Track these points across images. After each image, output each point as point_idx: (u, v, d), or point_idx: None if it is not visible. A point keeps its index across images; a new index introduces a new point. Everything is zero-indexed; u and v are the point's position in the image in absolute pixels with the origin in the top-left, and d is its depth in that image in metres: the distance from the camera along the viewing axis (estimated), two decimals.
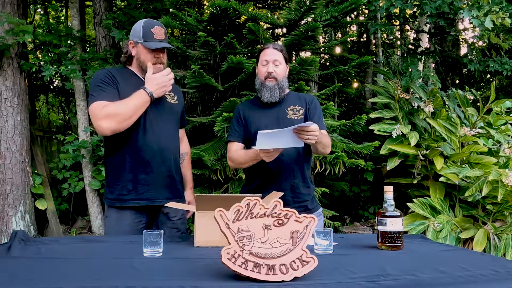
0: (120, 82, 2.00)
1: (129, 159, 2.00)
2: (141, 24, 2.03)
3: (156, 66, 2.02)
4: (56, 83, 6.59)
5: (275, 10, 5.11)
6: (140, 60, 2.04)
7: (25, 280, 1.16)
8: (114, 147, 2.03)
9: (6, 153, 4.20)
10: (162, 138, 2.05)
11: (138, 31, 2.03)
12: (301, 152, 2.10)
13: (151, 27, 2.01)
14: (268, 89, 2.10)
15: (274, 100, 2.11)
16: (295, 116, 2.12)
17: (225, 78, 3.77)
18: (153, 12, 4.74)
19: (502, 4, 3.50)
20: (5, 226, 4.18)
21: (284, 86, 2.15)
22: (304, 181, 2.13)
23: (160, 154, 2.03)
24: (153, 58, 2.02)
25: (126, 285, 1.12)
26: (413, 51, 5.33)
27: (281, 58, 2.12)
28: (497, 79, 6.53)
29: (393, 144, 3.87)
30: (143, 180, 2.01)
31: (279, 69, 2.11)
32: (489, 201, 3.54)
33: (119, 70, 2.10)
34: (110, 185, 2.05)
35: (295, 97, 2.21)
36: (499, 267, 1.31)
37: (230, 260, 1.17)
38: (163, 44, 2.02)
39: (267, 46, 2.15)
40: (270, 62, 2.10)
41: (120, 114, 1.88)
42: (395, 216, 1.59)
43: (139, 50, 2.04)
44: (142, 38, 2.01)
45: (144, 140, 2.00)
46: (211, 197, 1.77)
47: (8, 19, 3.99)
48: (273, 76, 2.09)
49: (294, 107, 2.15)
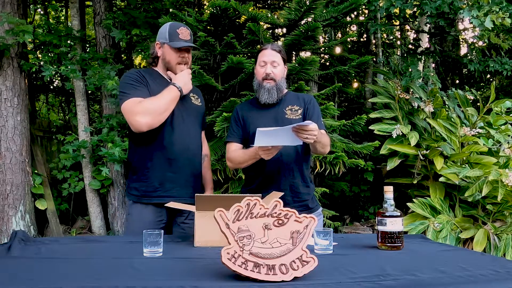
0: (149, 81, 2.07)
1: (157, 157, 2.05)
2: (167, 26, 2.11)
3: (181, 67, 2.10)
4: (56, 83, 6.59)
5: (275, 10, 5.11)
6: (165, 60, 2.12)
7: (25, 280, 1.16)
8: (141, 144, 2.08)
9: (6, 153, 4.20)
10: (188, 138, 2.11)
11: (164, 32, 2.11)
12: (300, 152, 2.10)
13: (177, 28, 2.09)
14: (266, 90, 2.10)
15: (272, 101, 2.11)
16: (294, 116, 2.12)
17: (225, 78, 3.77)
18: (153, 12, 4.74)
19: (502, 4, 3.50)
20: (5, 226, 4.18)
21: (283, 87, 2.15)
22: (304, 180, 2.13)
23: (186, 153, 2.09)
24: (178, 57, 2.09)
25: (126, 285, 1.12)
26: (413, 51, 5.33)
27: (280, 59, 2.12)
28: (497, 79, 6.53)
29: (393, 144, 3.87)
30: (170, 178, 2.06)
31: (277, 70, 2.11)
32: (489, 201, 3.54)
33: (146, 71, 2.17)
34: (136, 181, 2.09)
35: (293, 97, 2.21)
36: (499, 267, 1.31)
37: (230, 260, 1.17)
38: (188, 43, 2.09)
39: (266, 47, 2.14)
40: (268, 63, 2.10)
41: (155, 109, 1.95)
42: (395, 216, 1.59)
43: (165, 50, 2.11)
44: (168, 38, 2.08)
45: (171, 138, 2.05)
46: (211, 197, 1.77)
47: (8, 19, 3.99)
48: (271, 77, 2.09)
49: (293, 107, 2.15)
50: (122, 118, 4.27)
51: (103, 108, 4.60)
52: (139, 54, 4.99)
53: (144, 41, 4.65)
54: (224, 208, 1.22)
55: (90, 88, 4.32)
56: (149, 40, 4.49)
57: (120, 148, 3.91)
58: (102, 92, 4.55)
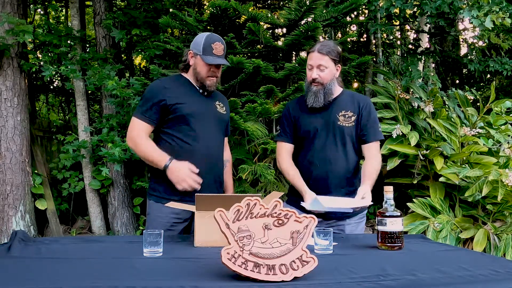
0: (171, 88, 2.12)
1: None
2: (203, 37, 2.12)
3: (210, 79, 2.13)
4: (56, 83, 6.59)
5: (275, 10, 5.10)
6: (196, 71, 2.14)
7: (25, 280, 1.16)
8: (165, 150, 2.10)
9: (6, 153, 4.20)
10: (212, 146, 2.15)
11: (199, 43, 2.12)
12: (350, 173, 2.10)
13: (212, 42, 2.10)
14: (312, 93, 2.07)
15: (318, 105, 2.07)
16: (346, 123, 2.07)
17: (225, 78, 3.77)
18: (153, 12, 4.73)
19: (502, 4, 3.50)
20: (5, 226, 4.18)
21: (332, 90, 2.09)
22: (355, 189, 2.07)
23: (209, 161, 2.12)
24: (208, 71, 2.12)
25: (126, 285, 1.12)
26: (413, 51, 5.33)
27: (328, 61, 2.05)
28: (497, 79, 6.53)
29: (393, 144, 3.87)
30: None
31: (324, 73, 2.05)
32: (489, 201, 3.54)
33: (173, 78, 2.25)
34: (158, 183, 2.13)
35: (348, 100, 2.13)
36: (499, 267, 1.31)
37: (230, 260, 1.17)
38: (220, 60, 2.11)
39: (313, 49, 2.08)
40: (314, 66, 2.06)
41: (138, 150, 2.11)
42: (395, 216, 1.59)
43: (196, 61, 2.13)
44: (201, 51, 2.10)
45: (196, 146, 2.09)
46: (211, 197, 1.77)
47: (8, 19, 3.99)
48: (317, 81, 2.06)
49: (346, 112, 2.09)
50: (122, 118, 4.28)
51: (103, 108, 4.60)
52: (139, 54, 4.98)
53: (144, 41, 4.64)
54: (224, 208, 1.22)
55: (90, 88, 4.32)
56: (149, 40, 4.49)
57: (120, 148, 3.91)
58: (102, 92, 4.55)
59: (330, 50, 2.05)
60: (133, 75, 5.33)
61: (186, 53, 2.21)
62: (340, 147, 2.07)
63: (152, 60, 4.47)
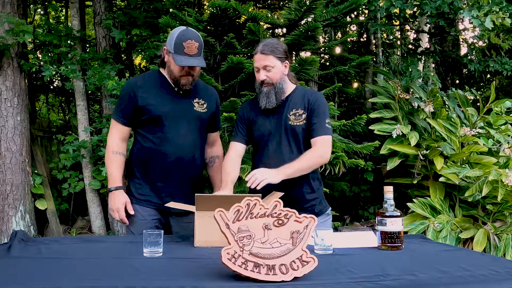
0: (144, 87, 2.07)
1: (150, 166, 2.07)
2: (175, 34, 1.99)
3: (184, 78, 2.04)
4: (56, 83, 6.59)
5: (275, 10, 5.11)
6: (170, 69, 2.06)
7: (25, 280, 1.16)
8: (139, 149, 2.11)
9: (6, 153, 4.20)
10: (183, 149, 2.07)
11: (172, 40, 2.00)
12: None
13: (185, 40, 1.96)
14: (264, 94, 2.02)
15: (271, 106, 2.02)
16: (297, 122, 2.03)
17: (225, 78, 3.77)
18: (153, 12, 4.73)
19: (502, 4, 3.50)
20: (5, 226, 4.18)
21: (283, 88, 2.05)
22: (311, 187, 2.06)
23: (179, 163, 2.06)
24: (181, 71, 2.02)
25: (126, 285, 1.12)
26: (413, 51, 5.33)
27: (273, 60, 1.99)
28: (497, 79, 6.53)
29: (393, 144, 3.87)
30: (161, 188, 2.07)
31: (271, 73, 2.00)
32: (489, 201, 3.54)
33: (149, 75, 2.19)
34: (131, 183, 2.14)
35: (299, 97, 2.08)
36: (499, 267, 1.31)
37: (230, 260, 1.17)
38: (192, 61, 1.98)
39: (256, 51, 2.02)
40: (260, 68, 2.01)
41: (105, 158, 2.14)
42: (395, 216, 1.59)
43: (169, 59, 2.04)
44: (173, 49, 1.99)
45: (165, 149, 2.04)
46: (211, 197, 1.77)
47: (8, 19, 3.99)
48: (266, 82, 2.01)
49: (297, 111, 2.05)
50: None
51: (103, 108, 4.60)
52: (139, 54, 4.98)
53: (144, 41, 4.65)
54: (224, 208, 1.22)
55: (90, 88, 4.32)
56: (149, 40, 4.49)
57: None
58: (102, 92, 4.55)
59: (273, 48, 1.99)
60: (133, 75, 5.33)
61: (162, 49, 2.11)
62: (294, 148, 2.02)
63: (152, 60, 4.46)
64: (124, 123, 2.09)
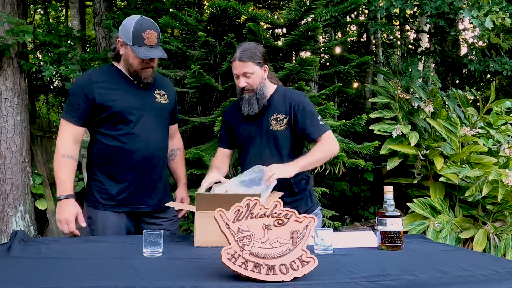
0: (101, 82, 1.94)
1: (116, 166, 1.95)
2: (132, 25, 1.87)
3: (145, 71, 1.94)
4: (56, 83, 6.59)
5: (275, 10, 5.10)
6: (128, 62, 1.94)
7: (25, 280, 1.16)
8: (100, 150, 1.98)
9: (6, 153, 4.20)
10: (152, 144, 1.97)
11: (128, 31, 1.88)
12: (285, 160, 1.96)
13: (143, 30, 1.86)
14: (245, 101, 1.99)
15: (254, 112, 1.99)
16: (278, 127, 1.99)
17: (225, 78, 3.77)
18: (153, 12, 4.74)
19: (502, 4, 3.50)
20: (5, 226, 4.18)
21: (264, 92, 2.01)
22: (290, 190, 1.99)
23: (150, 161, 1.97)
24: (141, 63, 1.92)
25: (126, 285, 1.12)
26: (413, 51, 5.33)
27: (251, 66, 1.94)
28: (497, 79, 6.53)
29: (393, 144, 3.87)
30: (131, 188, 1.96)
31: (251, 79, 1.96)
32: (489, 201, 3.54)
33: (103, 70, 2.07)
34: (94, 186, 1.98)
35: (280, 100, 2.03)
36: (499, 267, 1.31)
37: (230, 260, 1.17)
38: (154, 53, 1.90)
39: (234, 58, 1.97)
40: (239, 75, 1.98)
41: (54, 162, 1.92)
42: (395, 216, 1.59)
43: (127, 52, 1.92)
44: (131, 41, 1.87)
45: (134, 146, 1.93)
46: (211, 197, 1.76)
47: (8, 19, 3.99)
48: (247, 89, 1.98)
49: (278, 115, 2.00)
50: None
51: None
52: None
53: None
54: (224, 208, 1.22)
55: None
56: None
57: None
58: None
59: (251, 55, 1.95)
60: None
61: (114, 41, 1.97)
62: (276, 153, 1.99)
63: None
64: (79, 123, 1.93)
